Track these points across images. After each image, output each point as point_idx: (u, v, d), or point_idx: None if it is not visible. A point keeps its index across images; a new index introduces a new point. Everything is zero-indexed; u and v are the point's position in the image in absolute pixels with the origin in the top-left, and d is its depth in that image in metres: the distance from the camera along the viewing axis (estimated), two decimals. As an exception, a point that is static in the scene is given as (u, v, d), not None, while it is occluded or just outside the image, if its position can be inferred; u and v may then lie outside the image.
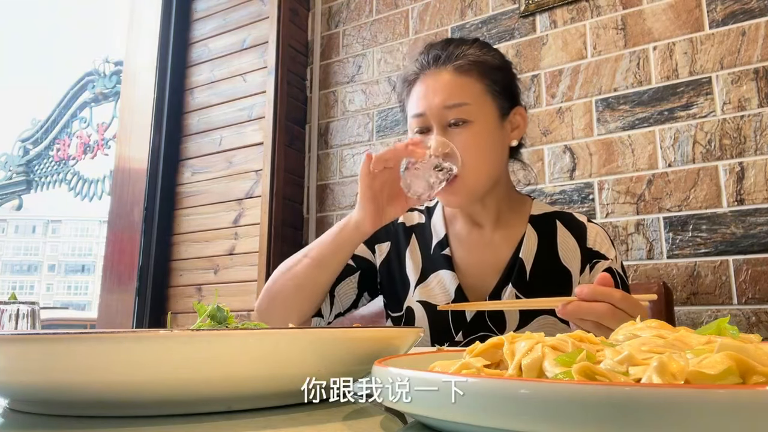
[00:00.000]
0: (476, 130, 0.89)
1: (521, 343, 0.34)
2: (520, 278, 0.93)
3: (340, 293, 0.99)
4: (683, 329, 0.35)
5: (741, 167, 1.45)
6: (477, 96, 0.90)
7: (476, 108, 0.90)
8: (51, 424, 0.38)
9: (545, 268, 0.94)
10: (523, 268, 0.93)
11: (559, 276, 0.93)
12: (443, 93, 0.90)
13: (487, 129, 0.91)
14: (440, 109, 0.89)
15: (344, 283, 0.99)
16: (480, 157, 0.90)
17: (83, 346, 0.35)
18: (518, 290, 0.92)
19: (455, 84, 0.90)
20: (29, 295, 28.25)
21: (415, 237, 1.02)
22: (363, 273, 1.01)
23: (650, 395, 0.22)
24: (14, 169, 3.45)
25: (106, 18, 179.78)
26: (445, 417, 0.28)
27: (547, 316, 0.91)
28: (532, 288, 0.92)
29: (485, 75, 0.92)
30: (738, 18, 1.51)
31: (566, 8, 1.77)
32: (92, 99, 3.12)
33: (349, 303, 1.01)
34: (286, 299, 0.93)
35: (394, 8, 2.12)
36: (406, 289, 1.00)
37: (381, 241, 1.04)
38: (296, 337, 0.40)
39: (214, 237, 2.16)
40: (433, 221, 1.03)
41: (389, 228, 1.04)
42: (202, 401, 0.39)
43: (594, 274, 0.94)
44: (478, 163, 0.89)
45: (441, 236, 1.00)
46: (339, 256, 0.92)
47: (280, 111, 2.11)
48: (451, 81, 0.90)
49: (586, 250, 0.95)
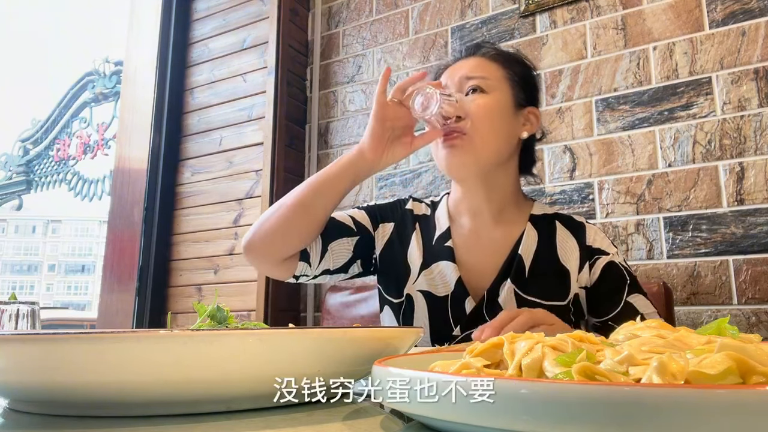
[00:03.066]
0: (490, 100, 0.95)
1: (521, 343, 0.34)
2: (518, 274, 0.94)
3: (333, 249, 0.97)
4: (683, 329, 0.35)
5: (741, 167, 1.45)
6: (497, 77, 0.97)
7: (494, 83, 0.96)
8: (51, 424, 0.38)
9: (544, 266, 0.95)
10: (522, 265, 0.95)
11: (557, 274, 0.95)
12: (469, 68, 0.98)
13: (500, 105, 0.96)
14: (461, 78, 0.96)
15: (340, 241, 0.97)
16: (488, 123, 0.94)
17: (83, 346, 0.35)
18: (516, 286, 0.94)
19: (479, 63, 0.99)
20: (29, 295, 28.26)
21: (419, 226, 1.04)
22: (361, 239, 1.00)
23: (650, 395, 0.22)
24: (14, 169, 3.45)
25: (106, 18, 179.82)
26: (445, 417, 0.28)
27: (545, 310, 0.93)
28: (531, 284, 0.94)
29: (507, 65, 1.00)
30: (738, 18, 1.51)
31: (566, 8, 1.77)
32: (92, 99, 3.11)
33: (341, 263, 0.98)
34: (281, 218, 0.91)
35: (394, 8, 2.12)
36: (407, 275, 1.00)
37: (386, 220, 1.05)
38: (296, 337, 0.40)
39: (214, 237, 2.16)
40: (437, 214, 1.04)
41: (395, 209, 1.06)
42: (202, 401, 0.39)
43: (595, 270, 0.95)
44: (485, 129, 0.93)
45: (444, 229, 1.01)
46: (340, 181, 0.93)
47: (280, 111, 2.11)
48: (476, 62, 0.99)
49: (586, 247, 0.97)
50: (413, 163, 1.94)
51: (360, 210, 1.04)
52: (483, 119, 0.93)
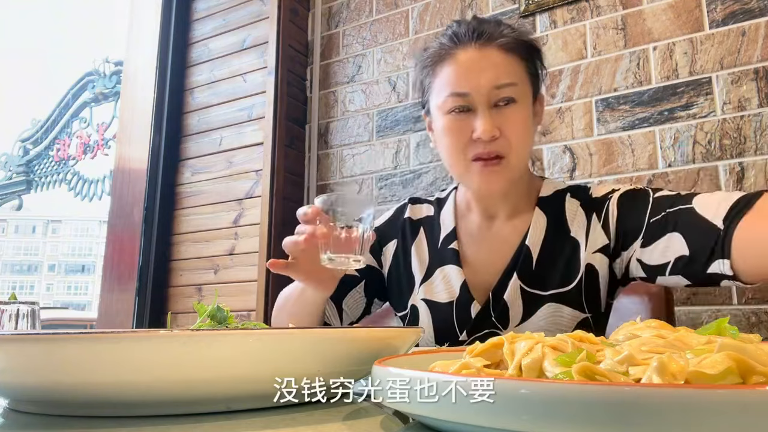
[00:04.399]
0: (521, 110, 0.85)
1: (521, 343, 0.34)
2: (525, 267, 0.89)
3: (348, 303, 0.98)
4: (683, 329, 0.35)
5: (741, 167, 1.45)
6: (522, 76, 0.87)
7: (521, 88, 0.86)
8: (51, 424, 0.38)
9: (553, 249, 0.89)
10: (529, 256, 0.89)
11: (568, 251, 0.88)
12: (493, 72, 0.84)
13: (528, 111, 0.87)
14: (490, 89, 0.83)
15: (350, 296, 0.98)
16: (525, 137, 0.86)
17: (83, 346, 0.35)
18: (522, 280, 0.88)
19: (505, 63, 0.85)
20: (29, 295, 28.23)
21: (423, 230, 0.99)
22: (368, 281, 0.99)
23: (650, 395, 0.22)
24: (14, 169, 3.45)
25: (106, 18, 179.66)
26: (445, 417, 0.28)
27: (551, 304, 0.86)
28: (538, 276, 0.88)
29: (526, 56, 0.88)
30: (738, 18, 1.51)
31: (566, 8, 1.77)
32: (92, 99, 3.11)
33: (360, 312, 1.00)
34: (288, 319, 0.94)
35: (394, 8, 2.12)
36: (412, 286, 0.98)
37: (387, 241, 1.01)
38: (296, 337, 0.40)
39: (214, 237, 2.16)
40: (443, 214, 0.98)
41: (395, 222, 1.02)
42: (202, 401, 0.39)
43: (611, 213, 0.86)
44: (521, 144, 0.85)
45: (449, 230, 0.96)
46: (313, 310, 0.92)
47: (280, 111, 2.11)
48: (498, 58, 0.85)
49: (590, 202, 0.89)
50: (413, 163, 1.94)
51: None
52: (519, 136, 0.84)
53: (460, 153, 0.86)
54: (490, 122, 0.82)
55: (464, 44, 0.86)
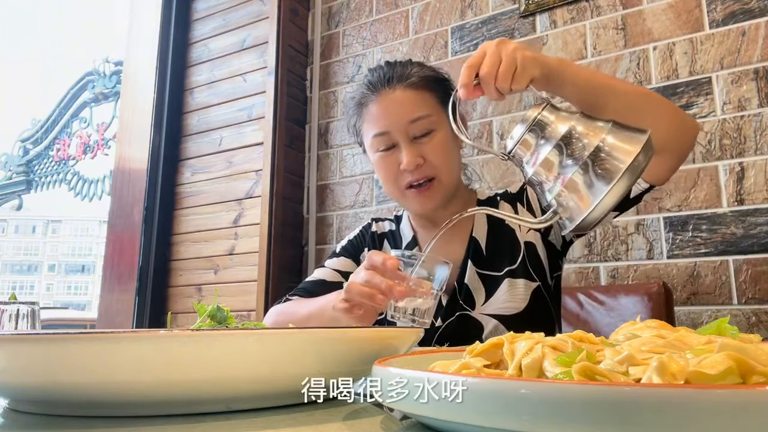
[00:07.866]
0: (441, 136, 0.96)
1: (521, 343, 0.34)
2: (477, 255, 1.01)
3: None
4: (683, 329, 0.35)
5: (741, 167, 1.45)
6: (434, 106, 0.97)
7: (437, 117, 0.96)
8: (51, 424, 0.38)
9: (497, 240, 1.02)
10: (478, 246, 1.02)
11: (508, 236, 1.01)
12: (404, 108, 0.95)
13: (447, 135, 0.97)
14: (406, 125, 0.94)
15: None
16: (450, 160, 0.97)
17: (83, 346, 0.35)
18: (477, 266, 1.00)
19: (413, 98, 0.96)
20: (29, 295, 28.25)
21: (387, 242, 1.11)
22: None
23: (650, 395, 0.22)
24: (14, 169, 3.45)
25: (106, 18, 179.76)
26: (445, 417, 0.28)
27: (508, 279, 0.98)
28: (488, 260, 1.00)
29: (434, 87, 0.98)
30: (738, 18, 1.51)
31: (566, 8, 1.77)
32: (92, 99, 3.11)
33: None
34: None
35: (394, 8, 2.12)
36: None
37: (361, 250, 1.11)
38: (296, 337, 0.40)
39: (214, 237, 2.16)
40: (402, 228, 1.11)
41: (364, 236, 1.13)
42: (202, 401, 0.39)
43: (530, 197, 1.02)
44: (450, 166, 0.97)
45: (410, 238, 1.08)
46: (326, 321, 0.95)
47: (280, 111, 2.11)
48: (408, 97, 0.96)
49: (512, 196, 1.05)
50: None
51: (338, 258, 1.11)
52: (444, 160, 0.95)
53: (393, 183, 0.98)
54: (412, 153, 0.94)
55: (378, 90, 0.98)
